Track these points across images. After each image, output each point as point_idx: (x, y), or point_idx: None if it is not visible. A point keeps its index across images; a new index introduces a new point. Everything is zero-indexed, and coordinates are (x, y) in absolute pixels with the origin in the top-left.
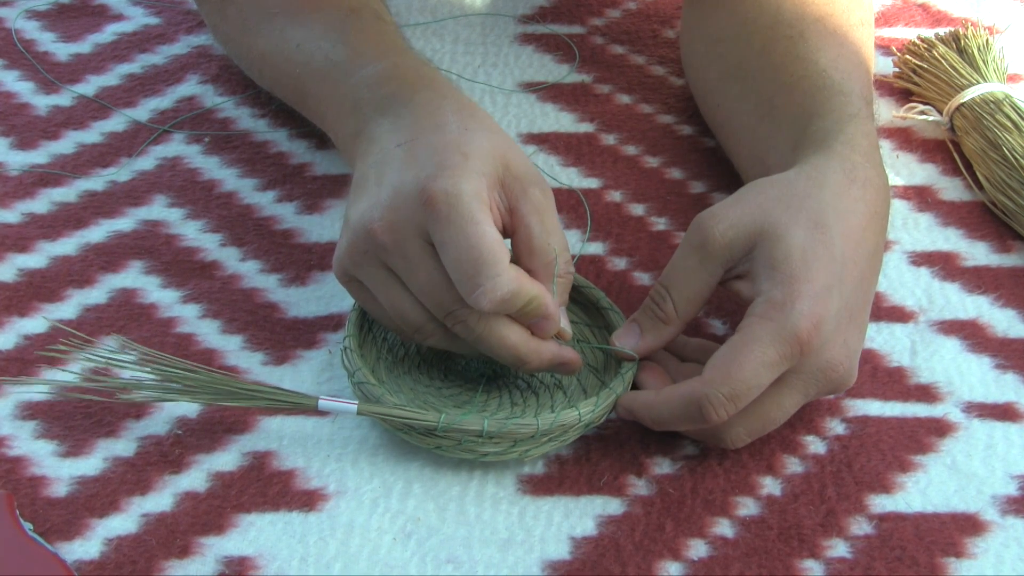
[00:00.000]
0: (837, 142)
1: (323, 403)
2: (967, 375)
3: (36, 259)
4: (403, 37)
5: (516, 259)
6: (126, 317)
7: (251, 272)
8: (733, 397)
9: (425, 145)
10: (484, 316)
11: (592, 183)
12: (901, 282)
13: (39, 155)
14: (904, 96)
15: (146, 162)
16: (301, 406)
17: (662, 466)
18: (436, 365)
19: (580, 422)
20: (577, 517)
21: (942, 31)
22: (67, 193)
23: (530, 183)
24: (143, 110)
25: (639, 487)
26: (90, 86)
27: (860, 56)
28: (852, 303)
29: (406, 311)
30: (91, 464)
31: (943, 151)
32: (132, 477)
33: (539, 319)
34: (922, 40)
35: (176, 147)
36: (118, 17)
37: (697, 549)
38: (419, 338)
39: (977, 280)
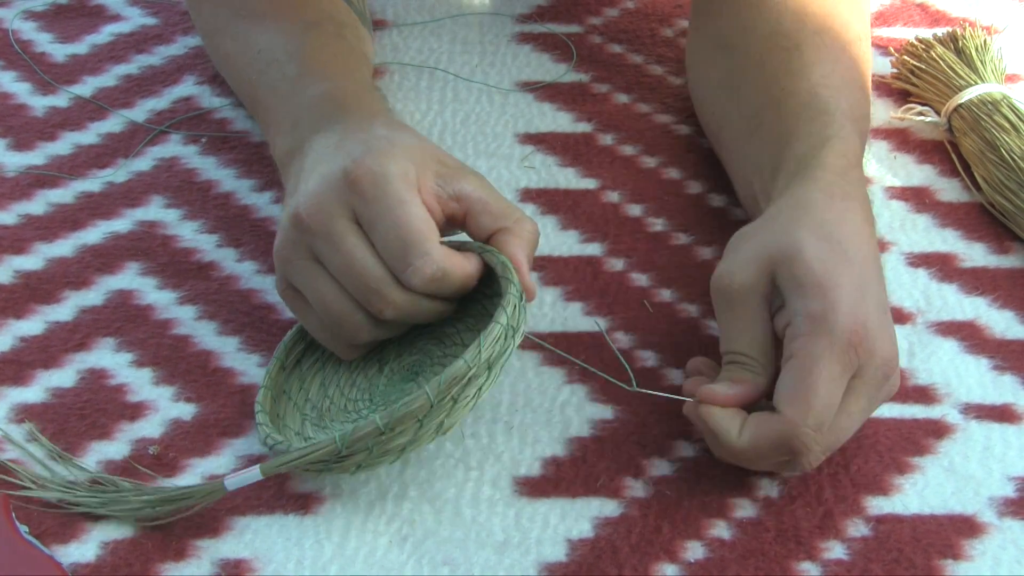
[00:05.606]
0: (811, 167)
1: (229, 482)
2: (965, 376)
3: (33, 261)
4: (360, 56)
5: (481, 233)
6: (123, 318)
7: (248, 273)
8: (818, 427)
9: (353, 140)
10: (413, 296)
11: (589, 183)
12: (899, 283)
13: (36, 156)
14: (902, 97)
15: (143, 163)
16: (212, 495)
17: (659, 468)
18: (370, 385)
19: (471, 369)
20: (573, 519)
21: (940, 31)
22: (64, 194)
23: (465, 173)
24: (140, 111)
25: (636, 489)
26: (87, 87)
27: (854, 72)
28: (881, 299)
29: (329, 301)
30: (85, 466)
31: (941, 152)
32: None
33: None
34: (920, 40)
35: (173, 148)
36: (115, 18)
37: (694, 551)
38: (345, 334)
39: (975, 281)
